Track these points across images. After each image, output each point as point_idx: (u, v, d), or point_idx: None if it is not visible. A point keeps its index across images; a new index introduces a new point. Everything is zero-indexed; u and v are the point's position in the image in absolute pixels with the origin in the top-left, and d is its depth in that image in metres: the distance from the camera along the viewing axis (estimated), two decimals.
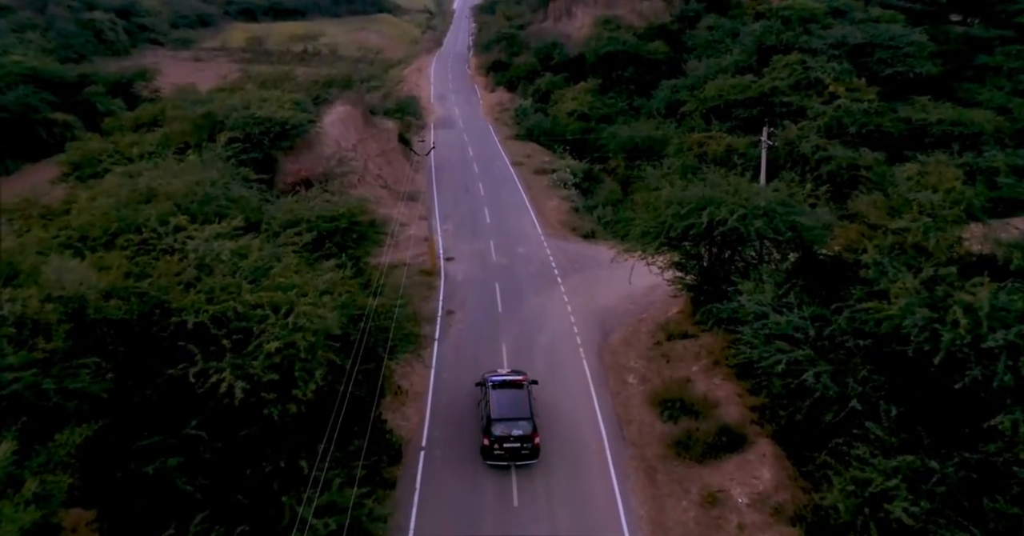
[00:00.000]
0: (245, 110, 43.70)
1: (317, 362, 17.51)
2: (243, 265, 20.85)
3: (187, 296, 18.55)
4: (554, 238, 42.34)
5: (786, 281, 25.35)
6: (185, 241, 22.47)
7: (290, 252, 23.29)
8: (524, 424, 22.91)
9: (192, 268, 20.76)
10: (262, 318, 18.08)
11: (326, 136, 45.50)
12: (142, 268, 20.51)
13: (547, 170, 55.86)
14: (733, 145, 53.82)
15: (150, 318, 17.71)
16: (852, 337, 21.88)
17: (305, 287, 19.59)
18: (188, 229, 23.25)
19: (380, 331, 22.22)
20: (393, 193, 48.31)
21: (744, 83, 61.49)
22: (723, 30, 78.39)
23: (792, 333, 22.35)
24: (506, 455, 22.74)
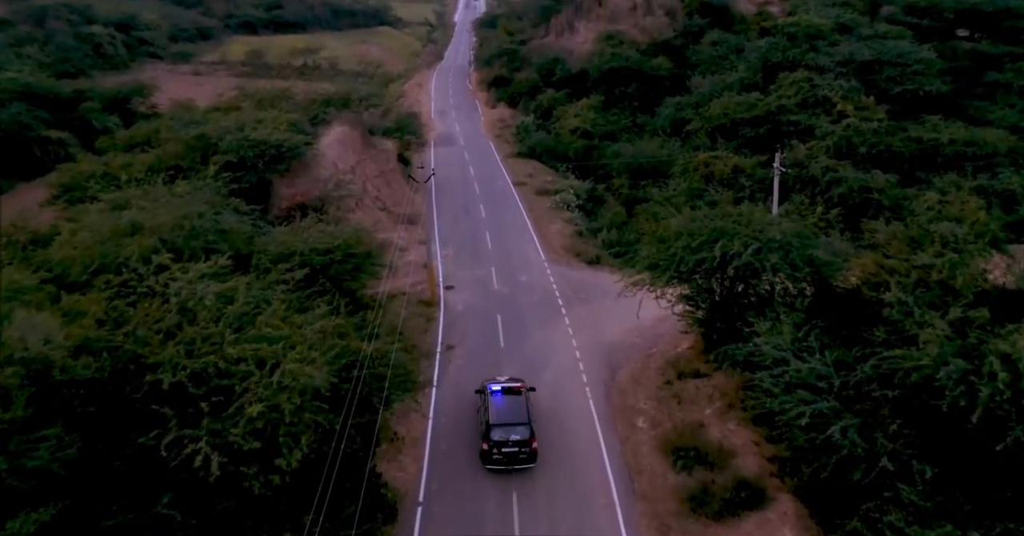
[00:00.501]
0: (239, 132, 42.50)
1: (304, 425, 16.10)
2: (228, 311, 19.46)
3: (165, 349, 17.17)
4: (558, 264, 40.97)
5: (805, 321, 23.96)
6: (167, 283, 21.09)
7: (280, 293, 21.88)
8: (522, 429, 23.71)
9: (174, 314, 19.38)
10: (245, 375, 16.68)
11: (323, 158, 44.25)
12: (119, 314, 19.12)
13: (550, 191, 54.56)
14: (740, 165, 52.55)
15: (123, 376, 16.34)
16: (879, 386, 20.50)
17: (293, 338, 18.20)
18: (172, 269, 21.88)
19: (376, 379, 20.81)
20: (392, 216, 47.02)
21: (750, 101, 60.33)
22: (727, 46, 77.36)
23: (815, 382, 20.94)
24: (504, 460, 23.43)
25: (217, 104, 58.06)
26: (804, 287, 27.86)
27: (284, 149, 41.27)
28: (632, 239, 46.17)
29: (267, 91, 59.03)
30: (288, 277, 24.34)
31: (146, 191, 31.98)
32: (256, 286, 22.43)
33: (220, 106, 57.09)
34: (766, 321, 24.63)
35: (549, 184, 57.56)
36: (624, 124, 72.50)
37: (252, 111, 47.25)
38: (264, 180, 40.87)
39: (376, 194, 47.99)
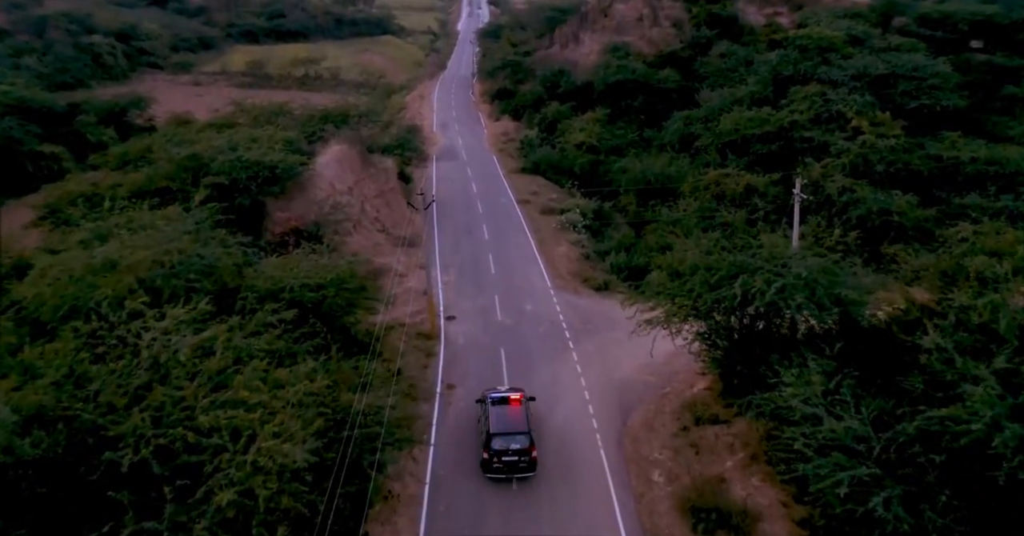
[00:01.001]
0: (232, 152, 40.73)
1: (281, 513, 14.22)
2: (204, 368, 17.58)
3: (130, 418, 15.28)
4: (564, 291, 39.08)
5: (836, 369, 22.02)
6: (140, 332, 19.24)
7: (264, 342, 20.01)
8: (522, 438, 24.11)
9: (144, 370, 17.51)
10: (218, 449, 14.81)
11: (320, 179, 42.47)
12: (83, 371, 17.26)
13: (555, 210, 52.72)
14: (753, 184, 50.72)
15: (79, 452, 14.47)
16: (924, 449, 18.56)
17: (273, 403, 16.32)
18: (146, 316, 20.03)
19: (368, 439, 18.91)
20: (391, 238, 45.19)
21: (761, 116, 58.50)
22: (736, 58, 75.55)
23: (852, 444, 19.00)
24: (504, 468, 23.86)
25: (212, 120, 56.31)
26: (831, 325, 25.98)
27: (278, 171, 39.49)
28: (642, 263, 44.31)
29: (263, 107, 57.31)
30: (274, 320, 22.50)
31: (130, 219, 30.29)
32: (239, 333, 20.55)
33: (215, 122, 55.33)
34: (792, 368, 22.72)
35: (554, 202, 55.76)
36: (631, 138, 70.69)
37: (247, 129, 45.46)
38: (257, 203, 39.09)
39: (375, 215, 46.18)
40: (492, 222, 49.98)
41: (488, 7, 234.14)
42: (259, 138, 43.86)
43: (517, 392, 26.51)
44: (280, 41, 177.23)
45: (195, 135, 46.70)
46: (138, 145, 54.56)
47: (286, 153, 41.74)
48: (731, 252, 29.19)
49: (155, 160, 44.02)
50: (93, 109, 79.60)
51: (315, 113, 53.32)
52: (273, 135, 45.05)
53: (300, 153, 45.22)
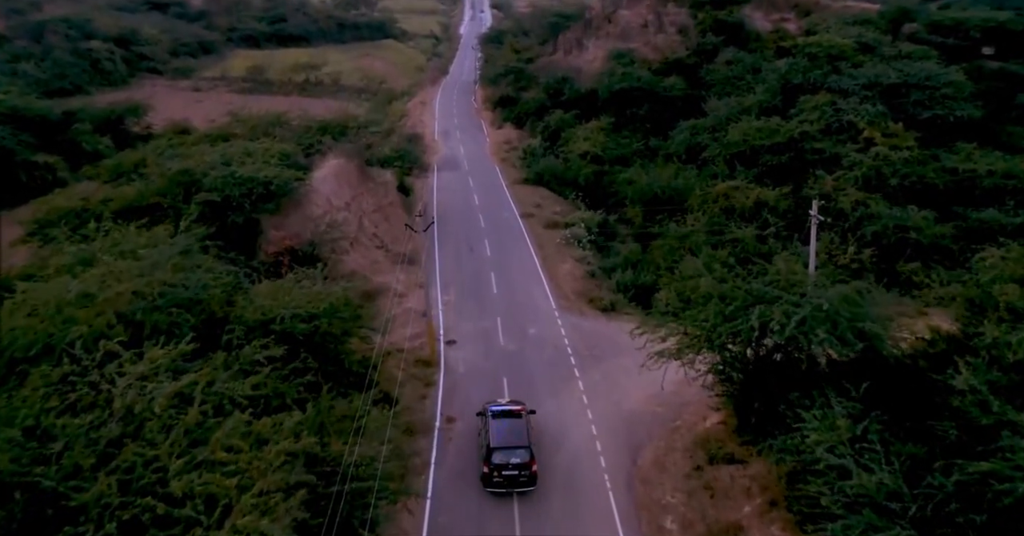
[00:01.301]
0: (225, 167, 39.40)
1: None
2: (181, 421, 16.18)
3: (95, 485, 13.87)
4: (569, 313, 37.64)
5: (862, 413, 20.56)
6: (115, 377, 17.84)
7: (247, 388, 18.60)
8: (522, 452, 24.16)
9: (115, 424, 16.11)
10: (190, 522, 13.39)
11: (316, 194, 41.10)
12: (49, 424, 15.87)
13: (559, 223, 51.31)
14: (763, 198, 49.28)
15: (35, 527, 13.06)
16: (962, 506, 17.11)
17: (253, 466, 14.89)
18: (123, 358, 18.64)
19: (359, 495, 17.48)
20: (390, 255, 43.79)
21: (771, 126, 57.02)
22: (743, 66, 74.09)
23: (884, 501, 17.54)
24: (505, 482, 23.91)
25: (208, 131, 54.98)
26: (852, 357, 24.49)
27: (273, 187, 38.11)
28: (649, 281, 42.92)
29: (260, 117, 55.97)
30: (263, 357, 21.11)
31: (116, 241, 28.94)
32: (223, 374, 19.15)
33: (211, 133, 54.00)
34: (815, 409, 21.27)
35: (558, 215, 54.36)
36: (636, 148, 69.28)
37: (242, 142, 44.11)
38: (251, 221, 37.70)
39: (373, 231, 44.80)
40: (494, 237, 48.58)
41: (491, 10, 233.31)
42: (254, 152, 42.55)
43: (518, 405, 26.64)
44: (281, 46, 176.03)
45: (189, 149, 45.30)
46: (131, 157, 53.36)
47: (281, 168, 40.39)
48: (745, 279, 27.82)
49: (148, 174, 42.71)
50: (89, 117, 78.34)
51: (313, 124, 51.88)
52: (269, 148, 43.75)
53: (297, 167, 43.89)
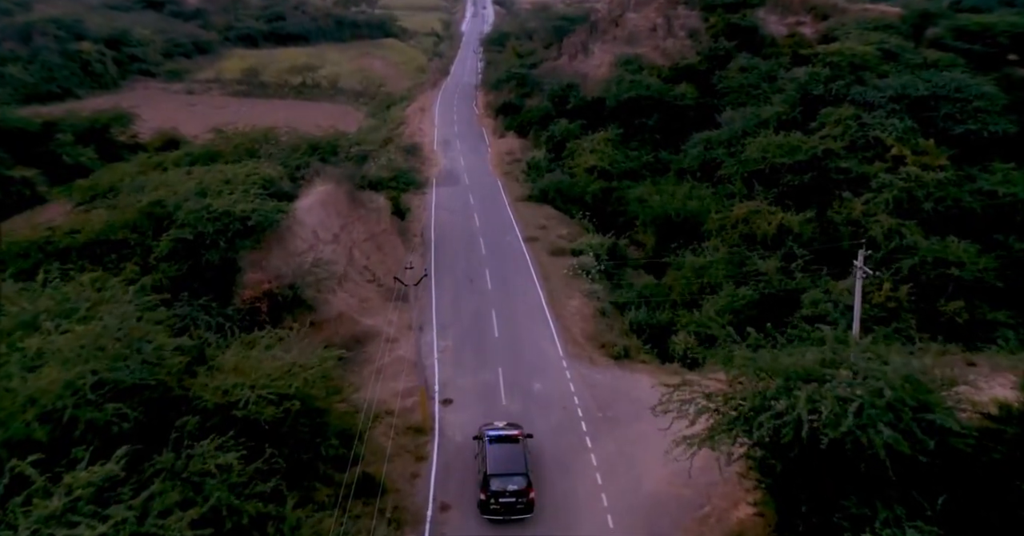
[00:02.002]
0: (200, 198, 35.82)
1: None
2: None
3: None
4: (578, 361, 34.04)
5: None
6: (18, 517, 14.29)
7: (186, 527, 15.04)
8: (519, 479, 23.92)
9: None
10: None
11: (301, 227, 37.49)
12: None
13: (566, 250, 47.65)
14: (786, 223, 45.56)
15: None
16: None
17: None
18: (34, 485, 15.08)
19: None
20: (383, 291, 40.19)
21: (792, 142, 53.27)
22: (758, 73, 70.28)
23: None
24: (502, 509, 23.66)
25: (191, 150, 51.26)
26: None
27: (251, 222, 34.48)
28: (664, 320, 39.35)
29: (246, 134, 52.31)
30: (215, 466, 17.56)
31: (64, 298, 25.40)
32: (159, 503, 15.59)
33: (194, 152, 50.33)
34: (882, 529, 17.68)
35: (564, 239, 50.71)
36: (645, 160, 65.64)
37: (221, 168, 40.44)
38: (227, 260, 34.10)
39: (364, 263, 41.20)
40: (496, 267, 44.94)
41: (493, 7, 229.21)
42: (234, 179, 38.94)
43: (515, 428, 26.33)
44: (280, 45, 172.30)
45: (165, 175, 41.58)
46: (108, 176, 49.91)
47: (263, 199, 36.76)
48: (782, 344, 24.34)
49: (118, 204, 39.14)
50: (71, 127, 74.91)
51: (301, 143, 48.14)
52: (251, 173, 40.13)
53: (281, 195, 40.30)
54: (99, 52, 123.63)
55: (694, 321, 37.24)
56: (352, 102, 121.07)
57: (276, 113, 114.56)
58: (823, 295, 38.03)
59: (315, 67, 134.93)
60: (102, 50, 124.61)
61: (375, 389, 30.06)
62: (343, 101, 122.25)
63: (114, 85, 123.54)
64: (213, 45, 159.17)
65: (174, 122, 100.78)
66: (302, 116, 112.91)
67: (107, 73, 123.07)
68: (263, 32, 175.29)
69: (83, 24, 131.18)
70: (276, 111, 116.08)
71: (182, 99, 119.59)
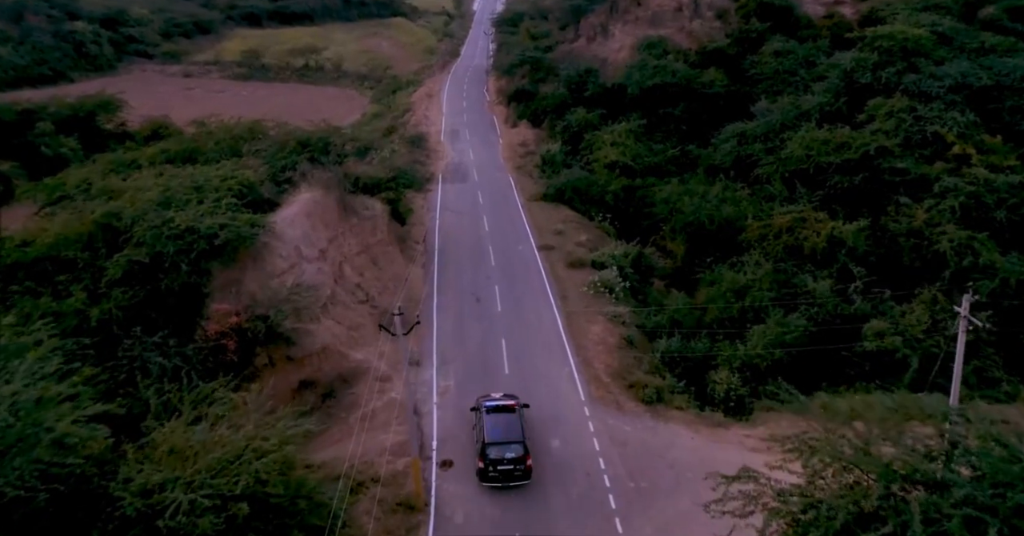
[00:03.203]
0: (163, 211, 30.69)
1: None
2: None
3: None
4: (603, 407, 28.85)
5: None
6: None
7: None
8: (516, 447, 24.31)
9: None
10: None
11: (281, 243, 32.27)
12: None
13: (586, 262, 42.28)
14: (837, 234, 39.90)
15: None
16: None
17: None
18: None
19: None
20: (377, 313, 35.05)
21: (839, 138, 47.51)
22: (794, 58, 64.25)
23: None
24: (500, 477, 24.05)
25: (167, 147, 45.93)
26: None
27: (219, 241, 29.30)
28: (701, 351, 33.99)
29: (230, 128, 47.04)
30: None
31: None
32: None
33: (171, 150, 45.04)
34: None
35: (584, 247, 45.32)
36: (671, 155, 59.95)
37: (191, 172, 35.19)
38: (190, 287, 28.98)
39: (356, 281, 36.00)
40: (507, 282, 39.69)
41: None
42: (206, 185, 33.75)
43: (512, 399, 26.77)
44: (284, 24, 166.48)
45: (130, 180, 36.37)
46: (75, 176, 44.69)
47: (236, 210, 31.57)
48: None
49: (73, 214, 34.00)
50: (52, 115, 69.77)
51: (290, 139, 42.72)
52: (227, 178, 34.93)
53: (260, 203, 35.17)
54: (94, 32, 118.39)
55: (738, 355, 31.92)
56: (357, 86, 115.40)
57: (276, 97, 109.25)
58: (888, 325, 32.59)
59: (319, 49, 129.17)
60: (97, 30, 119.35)
61: (360, 442, 25.09)
62: (347, 84, 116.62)
63: (109, 67, 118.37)
64: (215, 25, 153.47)
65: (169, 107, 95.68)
66: (304, 100, 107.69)
67: (102, 55, 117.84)
68: (267, 11, 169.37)
69: (78, 3, 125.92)
70: (277, 95, 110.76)
71: (179, 82, 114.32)
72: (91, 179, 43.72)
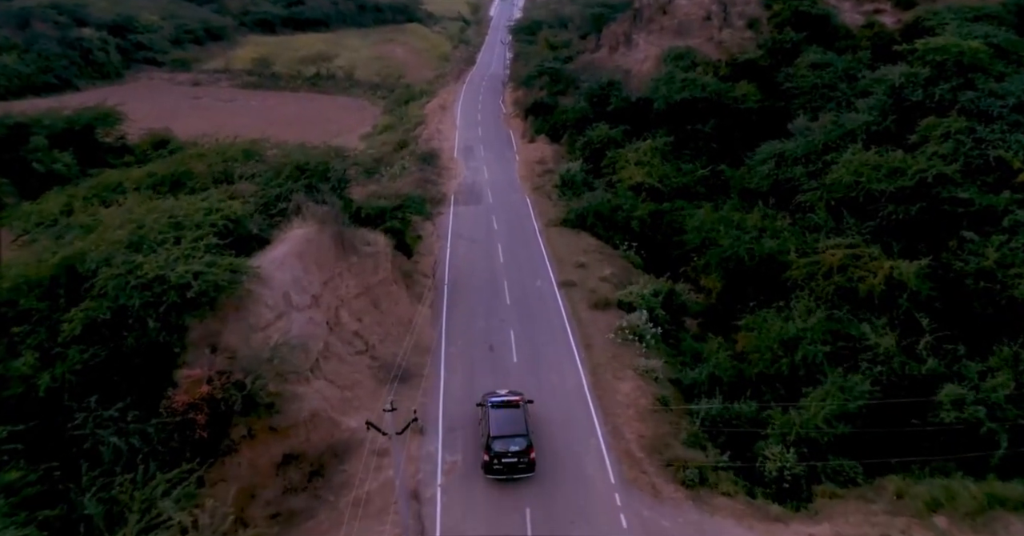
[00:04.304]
0: (132, 253, 26.83)
1: None
2: None
3: None
4: (637, 494, 24.54)
5: None
6: None
7: None
8: (520, 440, 25.12)
9: None
10: None
11: (268, 289, 28.26)
12: None
13: (611, 302, 38.04)
14: (897, 274, 35.30)
15: None
16: None
17: None
18: None
19: None
20: (377, 366, 30.97)
21: (891, 163, 43.11)
22: (833, 71, 59.63)
23: None
24: (505, 469, 24.81)
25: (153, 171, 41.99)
26: None
27: (193, 293, 25.33)
28: (748, 414, 29.53)
29: (224, 150, 43.25)
30: None
31: None
32: None
33: (157, 174, 41.14)
34: None
35: (609, 283, 41.08)
36: (700, 175, 55.60)
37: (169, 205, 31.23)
38: (158, 346, 25.02)
39: (354, 328, 31.91)
40: (524, 327, 35.53)
41: None
42: (186, 221, 29.92)
43: (516, 395, 27.45)
44: (298, 30, 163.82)
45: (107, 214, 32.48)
46: (54, 202, 41.18)
47: (216, 253, 27.66)
48: None
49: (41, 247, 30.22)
50: (47, 129, 66.36)
51: (287, 163, 38.72)
52: (211, 211, 31.08)
53: (248, 240, 31.25)
54: (101, 39, 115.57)
55: (793, 426, 27.50)
56: (369, 95, 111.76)
57: (286, 107, 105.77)
58: (966, 391, 28.05)
59: (331, 57, 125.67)
60: (104, 37, 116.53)
61: None
62: (359, 94, 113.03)
63: (117, 75, 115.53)
64: (227, 31, 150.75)
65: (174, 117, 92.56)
66: (314, 111, 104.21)
67: (109, 62, 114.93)
68: (280, 17, 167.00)
69: (87, 9, 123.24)
70: (286, 105, 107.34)
71: (187, 91, 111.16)
72: (72, 204, 40.32)
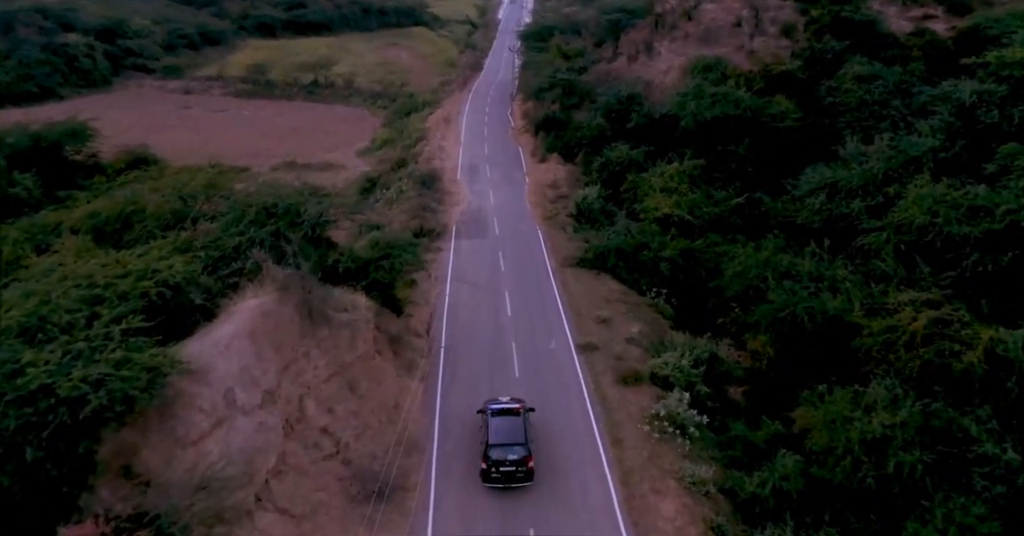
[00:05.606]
0: (19, 346, 20.26)
1: None
2: None
3: None
4: None
5: None
6: None
7: None
8: (519, 449, 24.71)
9: None
10: None
11: (204, 386, 21.59)
12: None
13: (642, 375, 31.23)
14: (1001, 348, 28.35)
15: None
16: None
17: None
18: None
19: None
20: (352, 477, 24.28)
21: (972, 200, 36.18)
22: (883, 85, 52.69)
23: None
24: (502, 478, 24.40)
25: (98, 208, 35.32)
26: None
27: (91, 408, 18.68)
28: None
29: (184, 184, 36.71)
30: None
31: None
32: None
33: (102, 214, 34.52)
34: None
35: (638, 346, 34.36)
36: (735, 204, 48.79)
37: (88, 272, 24.66)
38: (41, 484, 18.37)
39: (323, 423, 25.21)
40: (537, 414, 28.65)
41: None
42: (108, 291, 23.34)
43: (517, 403, 26.95)
44: (299, 34, 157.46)
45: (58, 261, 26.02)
46: None
47: (134, 347, 20.99)
48: None
49: None
50: (10, 147, 60.03)
51: (252, 204, 32.02)
52: (145, 275, 24.54)
53: (188, 313, 24.66)
54: (87, 45, 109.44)
55: None
56: (369, 104, 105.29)
57: (281, 118, 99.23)
58: None
59: (333, 62, 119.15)
60: (91, 43, 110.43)
61: None
62: (359, 103, 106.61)
63: (104, 83, 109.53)
64: (226, 35, 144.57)
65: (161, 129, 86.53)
66: (310, 121, 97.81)
67: (95, 69, 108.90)
68: (281, 21, 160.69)
69: (76, 13, 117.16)
70: (282, 115, 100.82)
71: (177, 100, 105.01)
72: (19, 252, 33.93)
